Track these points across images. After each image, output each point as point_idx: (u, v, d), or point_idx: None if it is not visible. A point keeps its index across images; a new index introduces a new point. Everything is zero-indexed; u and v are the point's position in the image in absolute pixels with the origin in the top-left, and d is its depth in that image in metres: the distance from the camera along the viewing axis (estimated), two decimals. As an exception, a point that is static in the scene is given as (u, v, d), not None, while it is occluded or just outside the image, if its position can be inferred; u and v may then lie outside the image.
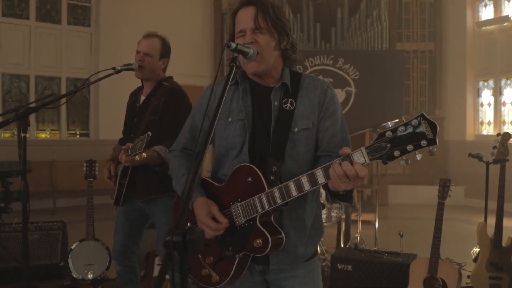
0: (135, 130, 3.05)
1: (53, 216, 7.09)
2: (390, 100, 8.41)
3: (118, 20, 8.87)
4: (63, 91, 8.66)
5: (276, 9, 1.81)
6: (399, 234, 3.91)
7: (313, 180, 1.58)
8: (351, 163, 1.47)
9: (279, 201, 1.64)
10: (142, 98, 3.16)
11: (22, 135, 2.80)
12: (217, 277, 1.82)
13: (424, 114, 1.39)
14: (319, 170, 1.56)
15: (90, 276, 3.83)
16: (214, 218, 1.74)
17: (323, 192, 3.12)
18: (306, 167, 1.78)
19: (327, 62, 8.64)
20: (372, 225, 5.55)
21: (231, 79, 1.62)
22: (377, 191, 5.43)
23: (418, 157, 1.40)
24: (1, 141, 7.99)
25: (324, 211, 4.43)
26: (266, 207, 1.67)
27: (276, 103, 1.82)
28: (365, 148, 1.47)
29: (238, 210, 1.75)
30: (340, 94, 8.54)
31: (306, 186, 1.59)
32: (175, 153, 2.03)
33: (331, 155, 1.76)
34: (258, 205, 1.69)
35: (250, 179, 1.74)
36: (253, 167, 1.75)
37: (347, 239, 4.77)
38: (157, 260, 4.03)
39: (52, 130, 8.78)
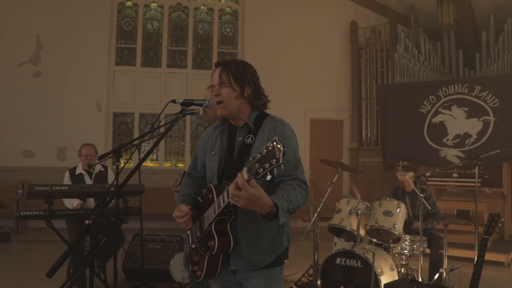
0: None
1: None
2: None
3: (260, 64, 9.89)
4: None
5: (240, 67, 2.33)
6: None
7: (224, 196, 2.05)
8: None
9: (217, 210, 2.13)
10: None
11: (116, 163, 3.73)
12: (199, 272, 2.35)
13: (277, 139, 1.76)
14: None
15: (186, 280, 4.60)
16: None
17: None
18: (263, 186, 2.21)
19: (462, 90, 8.32)
20: (501, 267, 5.24)
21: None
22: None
23: (275, 172, 1.78)
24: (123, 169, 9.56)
25: (406, 243, 4.51)
26: (213, 214, 2.16)
27: (240, 139, 2.32)
28: (246, 167, 1.88)
29: (204, 218, 2.28)
30: (476, 124, 8.11)
31: (225, 199, 2.05)
32: (185, 176, 2.65)
33: (283, 180, 2.19)
34: (210, 214, 2.20)
35: (210, 196, 2.27)
36: (212, 187, 2.27)
37: (433, 272, 4.70)
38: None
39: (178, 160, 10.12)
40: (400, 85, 9.08)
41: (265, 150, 1.80)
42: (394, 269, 4.43)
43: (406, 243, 4.55)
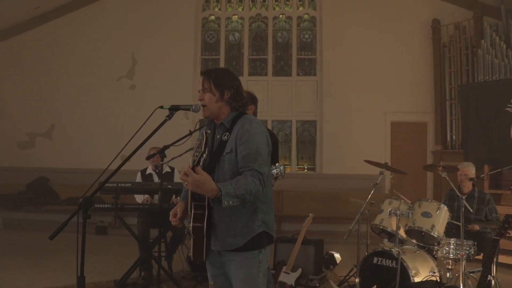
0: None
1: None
2: None
3: (339, 68, 10.04)
4: (294, 132, 10.34)
5: (220, 74, 2.67)
6: None
7: None
8: None
9: (189, 197, 2.49)
10: None
11: (161, 163, 4.23)
12: (190, 253, 2.71)
13: (204, 132, 2.11)
14: None
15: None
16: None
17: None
18: (230, 177, 2.52)
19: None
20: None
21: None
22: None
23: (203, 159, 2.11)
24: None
25: (451, 246, 4.43)
26: (190, 200, 2.52)
27: (218, 136, 2.66)
28: (193, 155, 2.24)
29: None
30: None
31: None
32: None
33: (243, 171, 2.49)
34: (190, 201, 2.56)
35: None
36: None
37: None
38: (284, 268, 4.88)
39: (285, 164, 10.45)
40: (484, 83, 8.59)
41: (198, 142, 2.15)
42: (435, 272, 4.39)
43: (451, 246, 4.47)
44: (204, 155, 2.32)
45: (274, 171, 3.37)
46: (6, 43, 10.77)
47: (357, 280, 4.60)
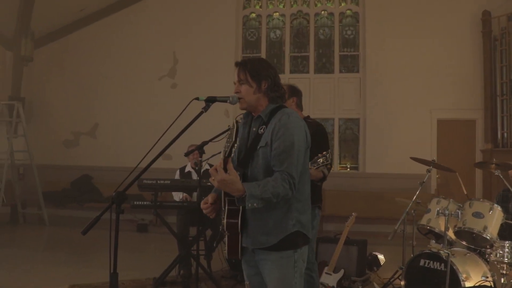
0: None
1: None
2: None
3: (382, 65, 9.74)
4: (336, 130, 10.10)
5: (256, 64, 2.54)
6: None
7: None
8: None
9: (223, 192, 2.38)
10: None
11: (199, 159, 4.16)
12: (225, 250, 2.61)
13: (235, 120, 1.95)
14: None
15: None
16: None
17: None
18: (263, 174, 2.41)
19: None
20: None
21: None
22: None
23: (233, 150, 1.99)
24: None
25: (506, 249, 4.15)
26: (223, 196, 2.42)
27: (254, 129, 2.55)
28: (224, 148, 2.10)
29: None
30: None
31: None
32: None
33: (274, 169, 2.37)
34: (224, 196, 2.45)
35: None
36: (229, 173, 2.52)
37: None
38: (326, 269, 4.72)
39: (327, 163, 10.22)
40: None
41: (228, 132, 2.04)
42: (488, 277, 4.11)
43: (506, 249, 4.17)
44: (236, 145, 2.19)
45: (320, 160, 3.22)
46: (51, 46, 11.08)
47: (402, 282, 4.37)
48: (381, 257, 5.53)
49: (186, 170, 6.02)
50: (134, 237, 8.31)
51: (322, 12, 10.34)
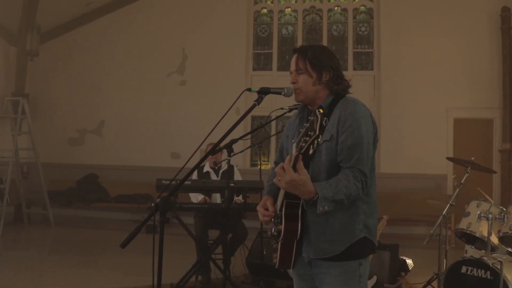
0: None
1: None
2: None
3: (397, 62, 9.48)
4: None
5: (318, 52, 2.27)
6: None
7: None
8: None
9: (282, 193, 2.10)
10: None
11: (227, 158, 3.89)
12: (275, 259, 2.33)
13: (317, 110, 1.69)
14: None
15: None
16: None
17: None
18: (326, 172, 2.14)
19: None
20: None
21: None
22: None
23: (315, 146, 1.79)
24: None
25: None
26: (281, 198, 2.15)
27: None
28: (295, 143, 1.84)
29: (277, 204, 2.26)
30: None
31: None
32: (274, 166, 2.68)
33: (342, 166, 2.09)
34: (281, 198, 2.18)
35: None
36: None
37: None
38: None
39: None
40: None
41: (308, 124, 1.77)
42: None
43: (553, 256, 3.93)
44: (318, 139, 1.87)
45: None
46: (57, 41, 10.79)
47: (441, 290, 4.12)
48: (409, 261, 5.26)
49: (205, 170, 5.73)
50: (144, 239, 7.96)
51: (336, 8, 10.07)
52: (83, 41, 10.59)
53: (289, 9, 10.20)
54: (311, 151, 1.79)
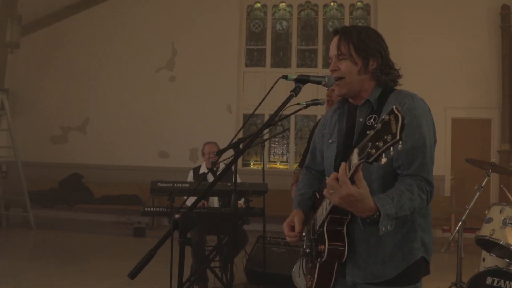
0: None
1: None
2: None
3: (394, 60, 9.18)
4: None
5: (364, 34, 1.89)
6: None
7: None
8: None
9: (328, 207, 1.72)
10: None
11: (217, 160, 3.50)
12: (310, 281, 1.97)
13: (394, 108, 1.32)
14: None
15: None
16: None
17: None
18: (379, 182, 1.77)
19: None
20: None
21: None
22: None
23: (392, 153, 1.34)
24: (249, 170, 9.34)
25: None
26: (325, 212, 1.77)
27: (361, 120, 1.89)
28: (357, 148, 1.45)
29: (317, 218, 1.90)
30: None
31: None
32: (302, 171, 2.30)
33: (402, 173, 1.73)
34: (322, 212, 1.80)
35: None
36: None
37: None
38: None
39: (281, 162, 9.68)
40: None
41: (379, 124, 1.38)
42: None
43: None
44: (399, 146, 1.35)
45: None
46: (39, 33, 10.27)
47: (463, 303, 3.81)
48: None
49: (201, 171, 5.34)
50: (132, 243, 7.60)
51: (332, 3, 9.77)
52: (67, 34, 10.08)
53: (284, 3, 9.87)
54: (383, 160, 1.37)
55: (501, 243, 3.95)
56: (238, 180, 5.31)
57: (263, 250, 4.71)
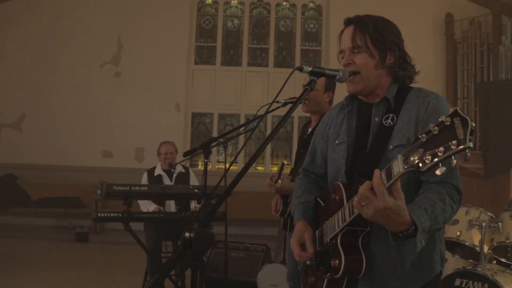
0: (300, 161, 3.17)
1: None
2: None
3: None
4: (295, 128, 9.46)
5: (380, 26, 1.75)
6: None
7: None
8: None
9: (348, 218, 1.55)
10: (309, 130, 3.27)
11: (205, 161, 3.27)
12: (315, 300, 1.79)
13: (458, 109, 1.15)
14: None
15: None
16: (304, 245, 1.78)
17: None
18: (402, 189, 1.61)
19: None
20: None
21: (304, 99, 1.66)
22: None
23: (454, 162, 1.17)
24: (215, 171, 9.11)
25: None
26: (341, 223, 1.59)
27: (376, 119, 1.75)
28: (402, 155, 1.29)
29: (326, 229, 1.72)
30: None
31: None
32: (300, 175, 2.11)
33: (429, 180, 1.58)
34: (336, 223, 1.63)
35: (336, 197, 1.70)
36: (340, 185, 1.70)
37: None
38: None
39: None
40: (506, 81, 8.09)
41: (436, 128, 1.21)
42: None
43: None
44: (467, 154, 1.14)
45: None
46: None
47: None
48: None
49: (156, 173, 5.03)
50: (75, 249, 7.10)
51: (284, 3, 9.68)
52: (2, 22, 9.29)
53: (235, 1, 9.65)
54: (438, 171, 1.18)
55: (467, 244, 3.98)
56: (196, 183, 5.08)
57: (225, 255, 4.48)
